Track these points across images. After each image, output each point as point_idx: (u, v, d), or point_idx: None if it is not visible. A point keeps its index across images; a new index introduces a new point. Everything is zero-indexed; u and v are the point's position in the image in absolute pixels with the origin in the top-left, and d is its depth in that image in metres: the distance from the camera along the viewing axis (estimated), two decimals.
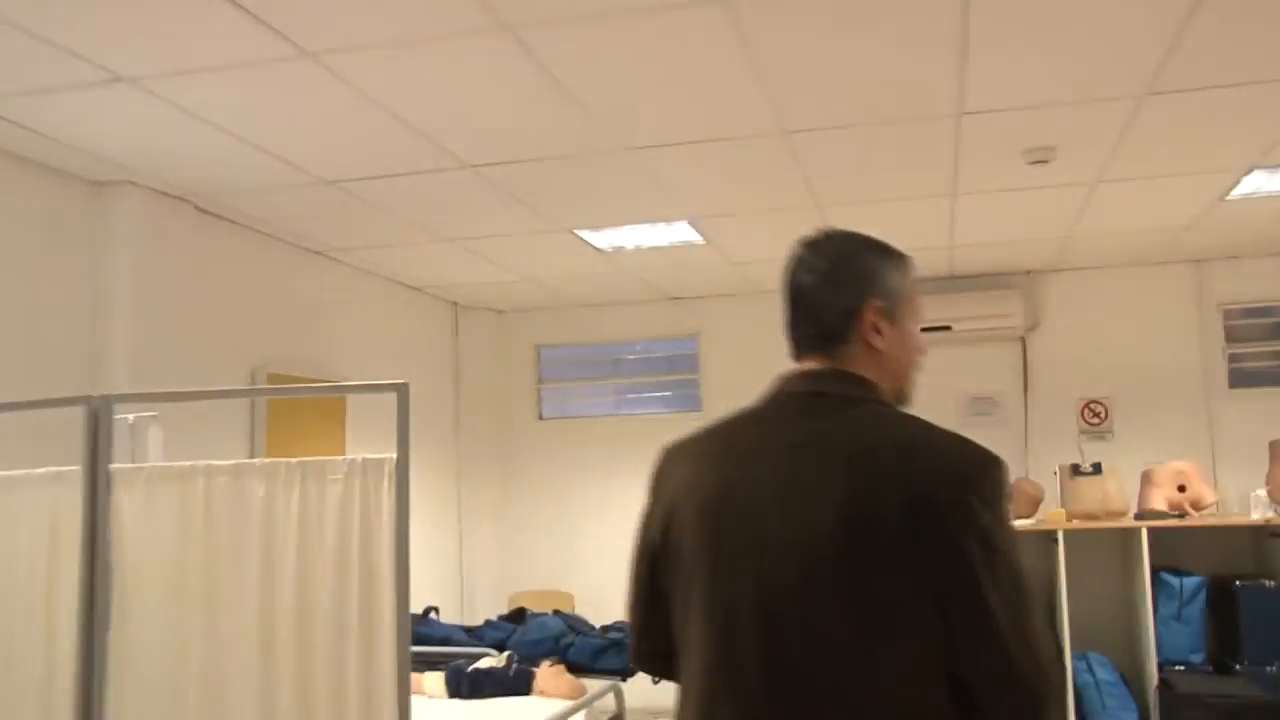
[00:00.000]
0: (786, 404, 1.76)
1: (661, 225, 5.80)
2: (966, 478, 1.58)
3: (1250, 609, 6.13)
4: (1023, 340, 7.41)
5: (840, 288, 1.76)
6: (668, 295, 7.90)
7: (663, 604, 1.79)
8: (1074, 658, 6.37)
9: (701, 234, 5.99)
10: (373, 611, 2.68)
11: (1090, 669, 6.39)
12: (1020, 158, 4.68)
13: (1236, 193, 5.48)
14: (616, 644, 4.93)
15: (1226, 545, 6.63)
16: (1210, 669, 6.18)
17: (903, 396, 1.81)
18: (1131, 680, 6.43)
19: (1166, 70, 3.83)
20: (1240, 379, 7.22)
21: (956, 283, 7.41)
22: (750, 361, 7.78)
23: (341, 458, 2.72)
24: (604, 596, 7.79)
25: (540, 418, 8.35)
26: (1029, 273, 7.38)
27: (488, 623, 5.60)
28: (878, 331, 1.75)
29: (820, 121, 4.26)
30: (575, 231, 5.86)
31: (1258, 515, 6.25)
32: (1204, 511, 6.43)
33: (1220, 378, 7.16)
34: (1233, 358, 7.22)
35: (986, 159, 4.75)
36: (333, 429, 6.33)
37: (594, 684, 4.73)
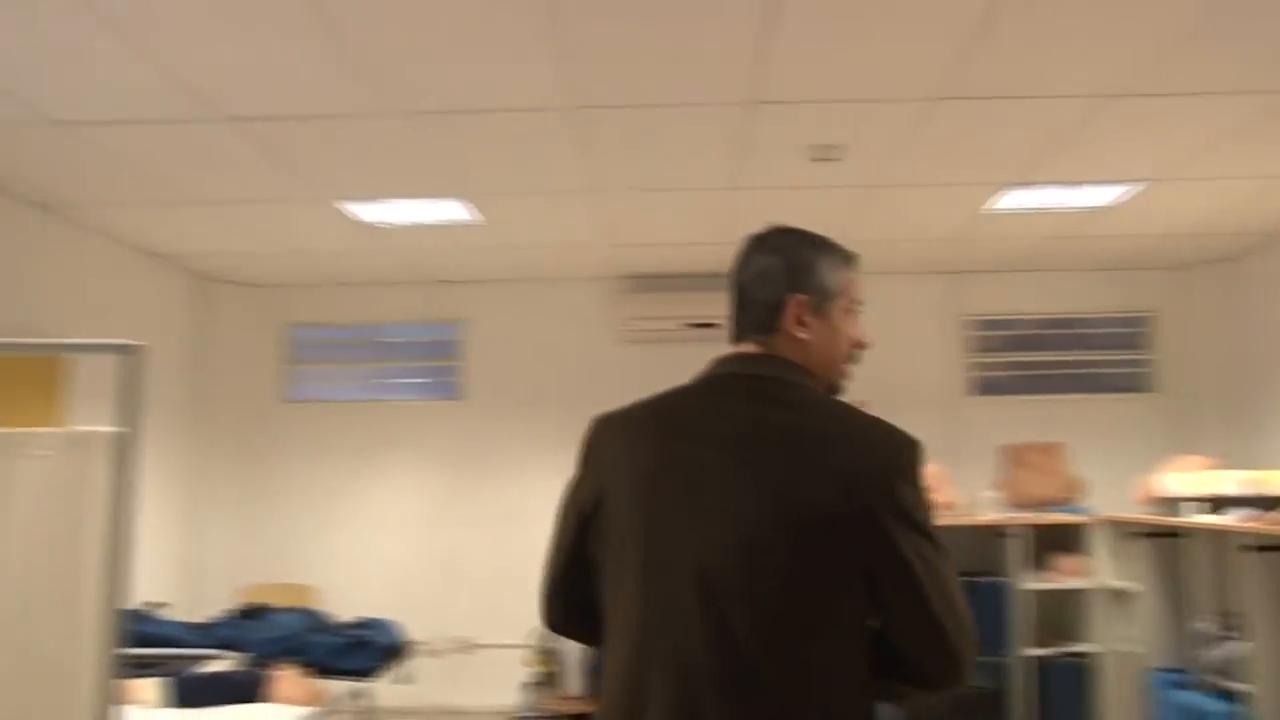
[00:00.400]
0: (725, 384, 1.83)
1: (433, 201, 5.49)
2: (891, 460, 1.69)
3: (980, 603, 6.37)
4: None
5: (770, 281, 1.87)
6: (433, 278, 7.56)
7: (587, 571, 1.86)
8: None
9: (475, 213, 5.71)
10: (73, 606, 2.30)
11: None
12: (807, 154, 4.65)
13: (997, 207, 5.67)
14: (362, 643, 4.61)
15: (960, 544, 6.88)
16: None
17: (834, 387, 1.89)
18: None
19: (960, 75, 3.86)
20: (983, 387, 7.55)
21: (724, 281, 7.35)
22: (517, 351, 7.60)
23: (50, 430, 2.33)
24: (351, 591, 7.41)
25: (287, 400, 7.84)
26: None
27: (219, 619, 5.14)
28: (802, 324, 1.84)
29: (610, 98, 4.09)
30: (339, 203, 5.47)
31: (988, 515, 6.53)
32: (946, 513, 6.64)
33: (961, 385, 7.46)
34: (976, 366, 7.54)
35: (774, 153, 4.70)
36: (45, 404, 5.68)
37: (337, 686, 4.39)
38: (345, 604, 7.24)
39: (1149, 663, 5.75)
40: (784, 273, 1.88)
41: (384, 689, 4.87)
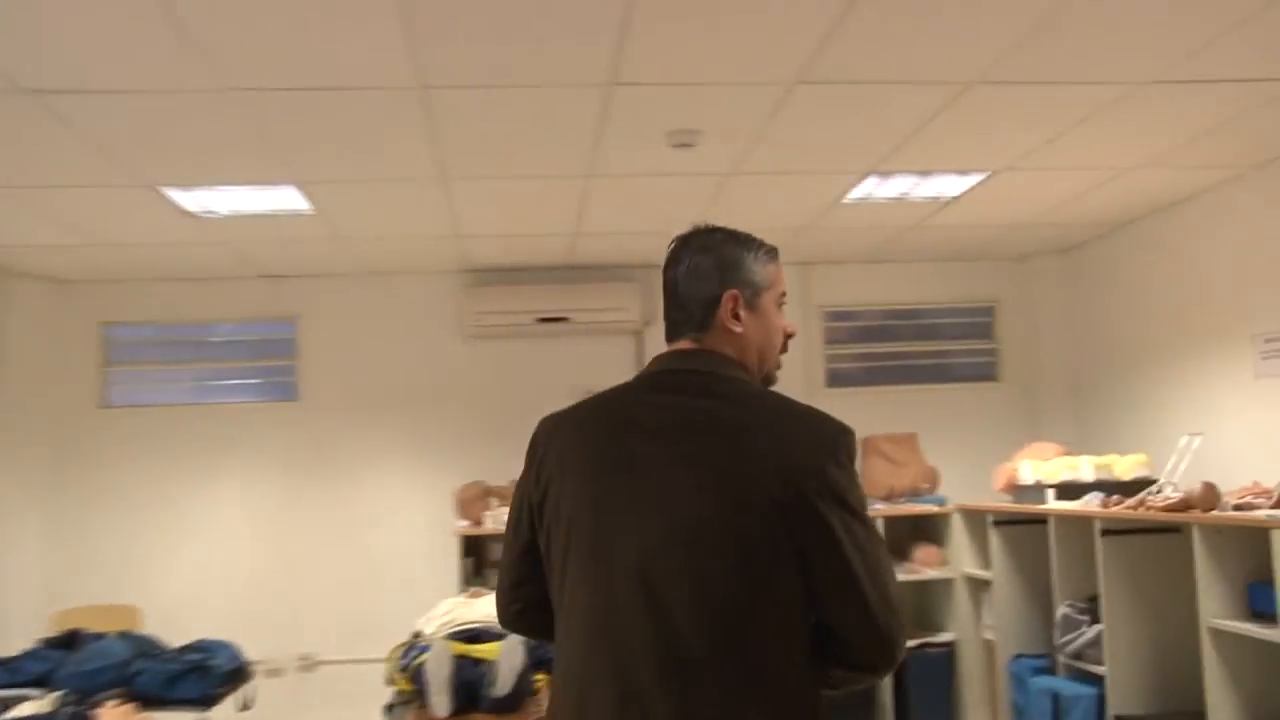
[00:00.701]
0: (663, 380, 1.96)
1: (265, 188, 5.17)
2: (824, 447, 1.80)
3: None
4: (639, 334, 7.38)
5: (702, 279, 1.98)
6: (265, 272, 7.17)
7: (539, 566, 1.96)
8: None
9: (310, 202, 5.41)
10: None
11: None
12: (664, 139, 4.54)
13: (851, 196, 5.67)
14: (197, 668, 4.28)
15: None
16: None
17: (769, 376, 2.02)
18: None
19: (819, 60, 3.79)
20: (835, 379, 7.60)
21: (575, 273, 7.26)
22: (358, 349, 7.29)
23: None
24: (180, 610, 6.94)
25: (104, 405, 7.33)
26: (648, 267, 7.36)
27: (28, 652, 4.64)
28: (736, 318, 1.95)
29: (461, 78, 3.88)
30: (160, 188, 5.09)
31: None
32: None
33: (820, 377, 7.50)
34: (830, 358, 7.59)
35: (631, 138, 4.56)
36: None
37: (171, 718, 4.07)
38: (174, 626, 6.74)
39: (1010, 650, 5.85)
40: (715, 269, 1.99)
41: (225, 718, 4.55)
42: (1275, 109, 4.55)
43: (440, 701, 3.65)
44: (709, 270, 2.00)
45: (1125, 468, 5.69)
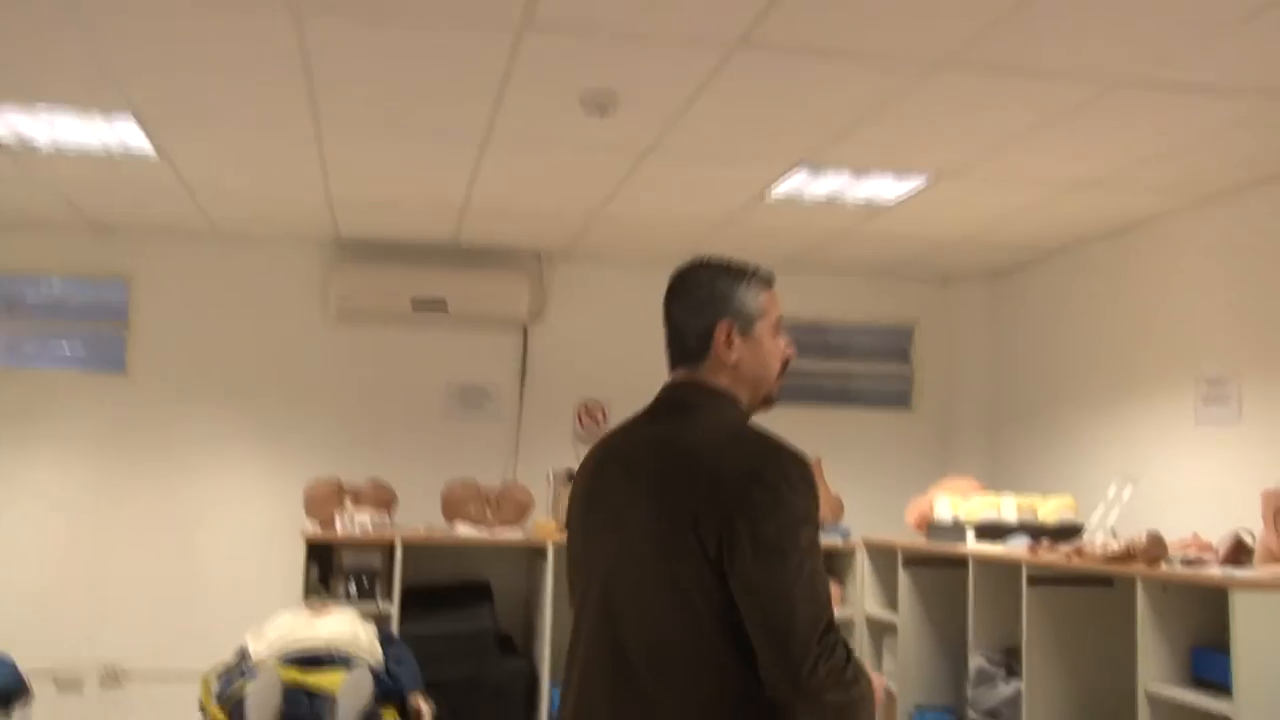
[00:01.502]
0: (655, 410, 2.18)
1: (95, 118, 4.55)
2: (753, 468, 1.94)
3: None
4: (524, 329, 6.92)
5: (697, 311, 2.15)
6: (93, 220, 6.45)
7: None
8: (553, 686, 5.93)
9: (151, 140, 4.80)
10: None
11: None
12: (577, 101, 4.09)
13: (778, 192, 5.32)
14: None
15: None
16: None
17: (768, 398, 2.19)
18: None
19: (769, 17, 3.39)
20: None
21: (460, 256, 6.77)
22: (199, 319, 6.66)
23: None
24: None
25: None
26: (540, 254, 6.92)
27: None
28: (730, 347, 2.12)
29: (341, 4, 3.39)
30: None
31: None
32: None
33: None
34: None
35: (539, 95, 4.11)
36: None
37: None
38: None
39: (912, 700, 5.55)
40: (709, 301, 2.14)
41: None
42: (1243, 131, 4.33)
43: None
44: (703, 302, 2.15)
45: (1049, 511, 5.44)
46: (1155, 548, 4.09)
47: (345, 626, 3.86)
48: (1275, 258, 4.98)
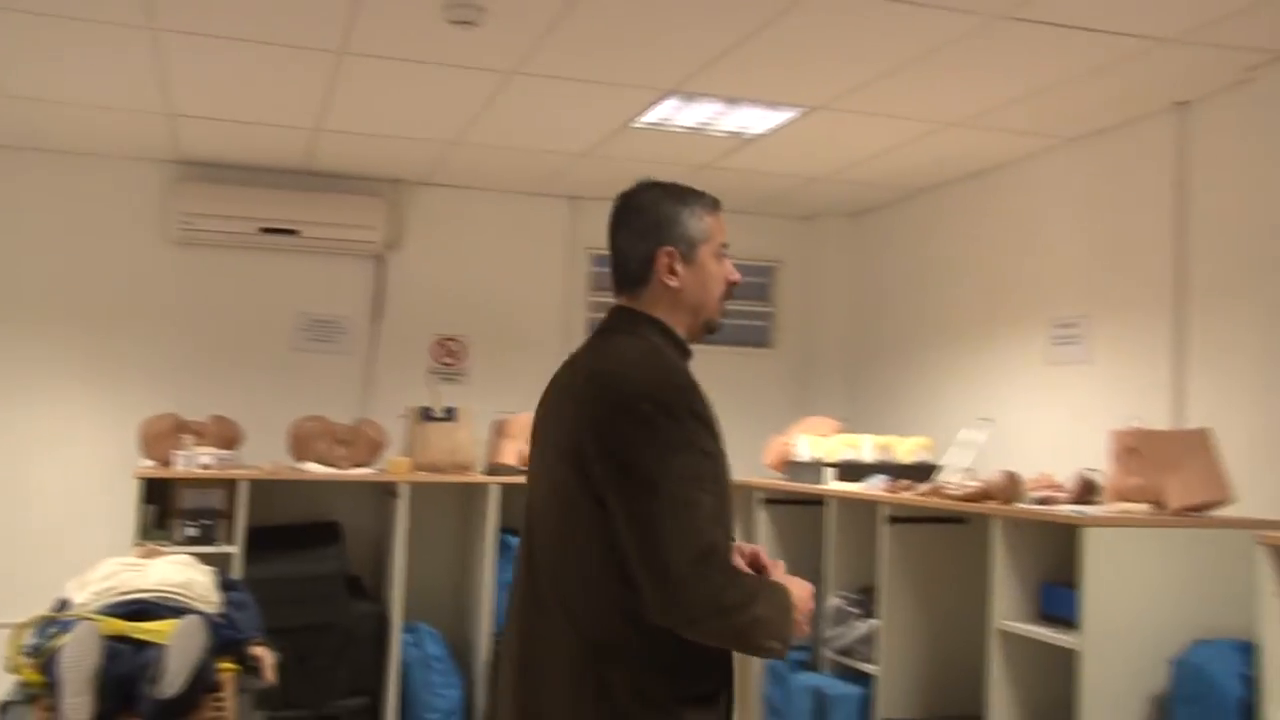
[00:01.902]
0: (590, 336, 2.31)
1: None
2: (632, 397, 2.00)
3: None
4: (379, 259, 6.73)
5: (639, 237, 2.20)
6: None
7: None
8: (404, 630, 5.84)
9: None
10: None
11: (419, 642, 5.90)
12: (441, 10, 3.93)
13: (645, 119, 5.25)
14: None
15: None
16: None
17: (710, 325, 2.25)
18: (460, 652, 6.05)
19: None
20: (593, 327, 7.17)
21: (312, 180, 6.53)
22: (21, 240, 6.35)
23: None
24: None
25: None
26: (397, 181, 6.72)
27: None
28: (673, 273, 2.16)
29: None
30: None
31: None
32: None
33: (581, 325, 7.07)
34: (593, 306, 7.17)
35: (400, 3, 3.93)
36: None
37: None
38: None
39: None
40: (652, 228, 2.20)
41: None
42: (1109, 74, 4.42)
43: (78, 704, 2.83)
44: (647, 228, 2.20)
45: (907, 450, 5.54)
46: (1010, 487, 4.20)
47: (178, 572, 3.65)
48: (1127, 203, 5.13)
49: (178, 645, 2.84)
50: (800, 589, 2.13)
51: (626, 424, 1.98)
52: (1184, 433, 4.27)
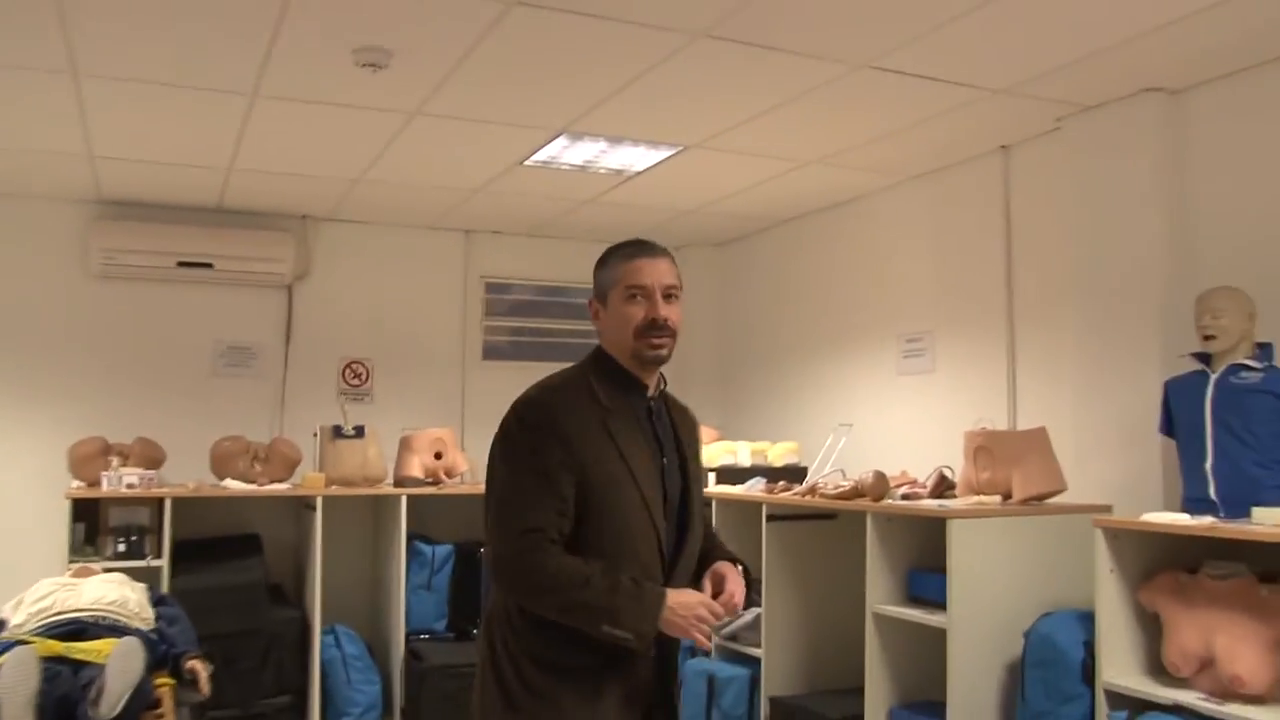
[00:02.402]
0: None
1: None
2: (509, 411, 2.21)
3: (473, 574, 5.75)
4: (289, 289, 6.37)
5: None
6: None
7: None
8: (323, 632, 5.50)
9: None
10: None
11: (338, 643, 5.56)
12: (351, 56, 3.66)
13: (536, 158, 5.04)
14: None
15: (472, 513, 6.21)
16: (453, 636, 5.71)
17: (639, 356, 2.22)
18: (377, 651, 5.73)
19: None
20: (490, 352, 6.94)
21: (224, 217, 6.14)
22: None
23: None
24: None
25: None
26: (304, 217, 6.37)
27: None
28: (596, 318, 2.30)
29: None
30: None
31: None
32: (455, 479, 5.96)
33: (478, 347, 6.81)
34: (487, 330, 6.93)
35: (313, 47, 3.65)
36: None
37: None
38: None
39: None
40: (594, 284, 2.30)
41: None
42: (949, 118, 4.40)
43: None
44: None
45: (777, 454, 5.44)
46: (879, 485, 4.09)
47: (112, 590, 3.28)
48: (963, 230, 5.15)
49: (116, 666, 2.51)
50: (680, 598, 2.09)
51: (499, 431, 2.19)
52: (1025, 432, 4.23)
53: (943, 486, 4.25)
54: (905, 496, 4.09)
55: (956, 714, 3.61)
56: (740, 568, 2.29)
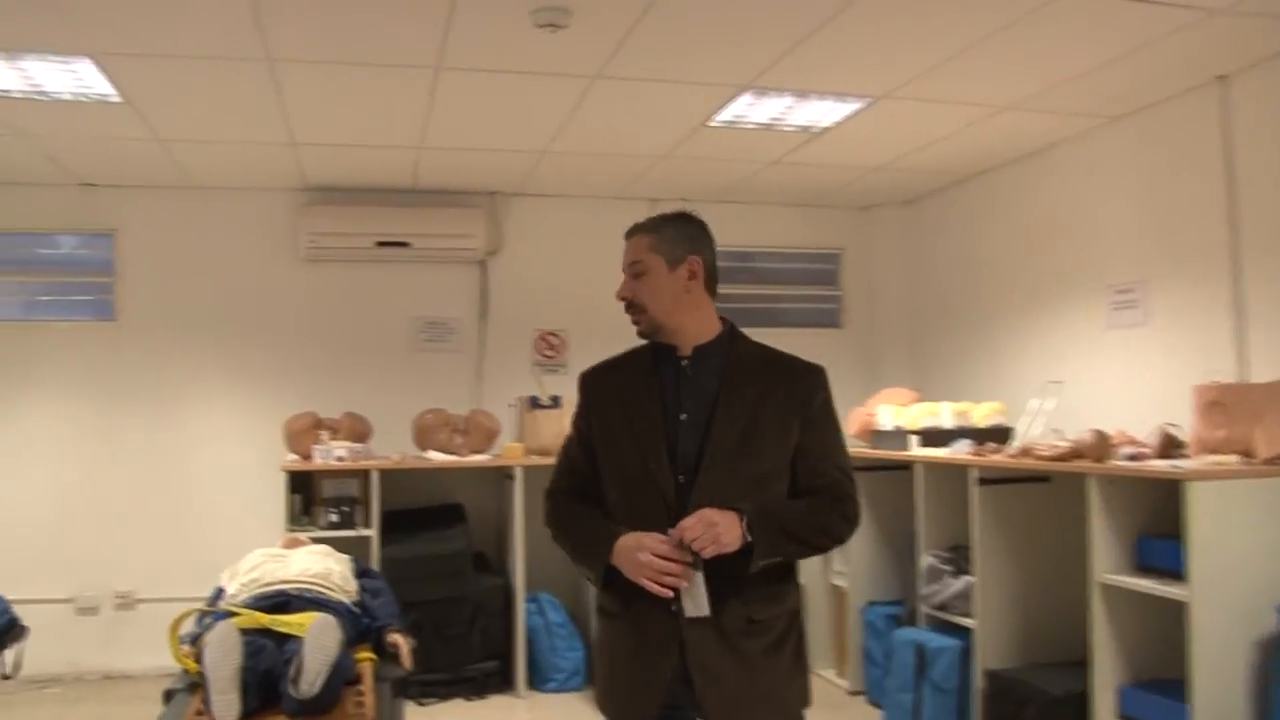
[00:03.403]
0: None
1: (57, 63, 3.90)
2: None
3: None
4: (483, 264, 6.35)
5: None
6: (82, 180, 5.80)
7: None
8: (527, 600, 5.47)
9: (115, 85, 4.16)
10: None
11: (541, 611, 5.52)
12: (529, 17, 3.50)
13: (721, 116, 4.77)
14: None
15: None
16: None
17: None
18: (579, 619, 5.67)
19: None
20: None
21: (418, 196, 6.16)
22: (180, 268, 6.03)
23: None
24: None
25: None
26: (494, 194, 6.32)
27: None
28: None
29: None
30: None
31: None
32: None
33: None
34: None
35: (491, 12, 3.50)
36: None
37: None
38: None
39: (863, 597, 5.13)
40: None
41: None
42: (1159, 46, 3.86)
43: (225, 702, 2.42)
44: None
45: (981, 415, 5.02)
46: (1101, 445, 3.68)
47: (316, 562, 3.25)
48: (1176, 171, 4.57)
49: (313, 643, 2.44)
50: (624, 541, 2.11)
51: None
52: (1268, 385, 3.72)
53: (1170, 446, 3.79)
54: (1129, 457, 3.66)
55: (1202, 694, 3.19)
56: (743, 517, 2.08)
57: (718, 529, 2.05)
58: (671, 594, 2.05)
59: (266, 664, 2.50)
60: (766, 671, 2.14)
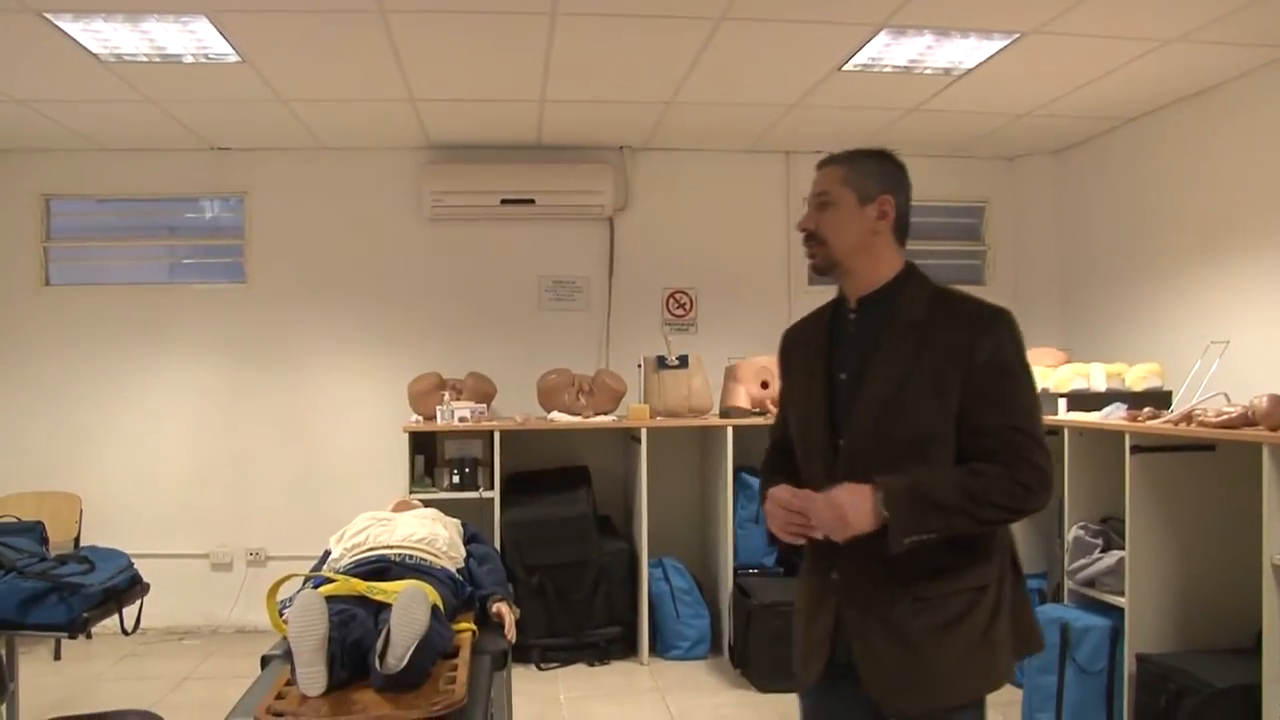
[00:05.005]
0: None
1: (172, 20, 3.91)
2: None
3: None
4: (610, 221, 6.20)
5: None
6: (213, 144, 5.91)
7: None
8: (651, 565, 5.35)
9: (232, 44, 4.15)
10: None
11: (666, 576, 5.40)
12: None
13: (856, 60, 4.49)
14: (66, 587, 3.14)
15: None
16: (783, 571, 5.33)
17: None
18: (705, 585, 5.52)
19: None
20: (817, 276, 6.44)
21: (545, 153, 6.04)
22: (307, 229, 6.11)
23: None
24: (121, 501, 5.86)
25: (47, 283, 6.12)
26: (621, 148, 6.16)
27: None
28: None
29: None
30: (45, 14, 3.81)
31: None
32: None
33: (801, 273, 6.36)
34: None
35: None
36: None
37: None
38: (115, 516, 5.76)
39: None
40: None
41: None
42: None
43: (311, 674, 2.31)
44: None
45: (1136, 377, 4.61)
46: (1277, 411, 3.30)
47: (423, 526, 3.15)
48: None
49: (400, 616, 2.32)
50: (772, 492, 2.05)
51: None
52: None
53: None
54: None
55: None
56: (879, 491, 1.90)
57: (843, 510, 1.90)
58: (803, 540, 2.02)
59: (356, 634, 2.39)
60: (931, 652, 1.94)
